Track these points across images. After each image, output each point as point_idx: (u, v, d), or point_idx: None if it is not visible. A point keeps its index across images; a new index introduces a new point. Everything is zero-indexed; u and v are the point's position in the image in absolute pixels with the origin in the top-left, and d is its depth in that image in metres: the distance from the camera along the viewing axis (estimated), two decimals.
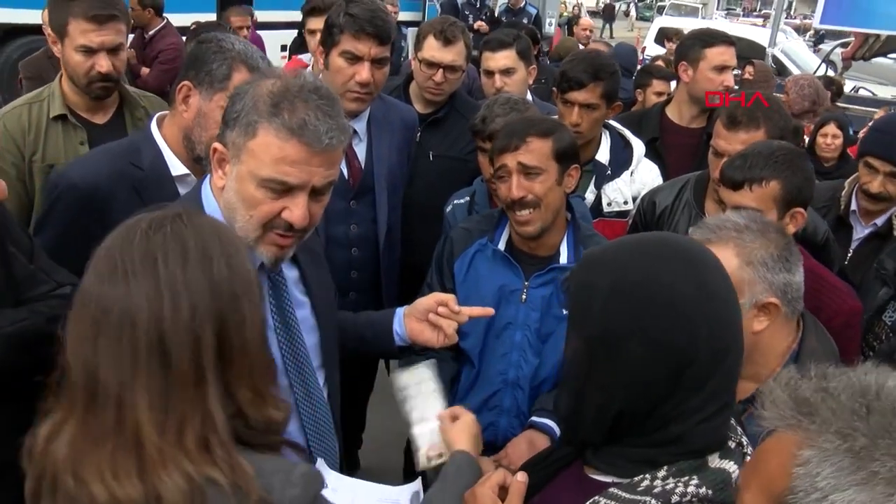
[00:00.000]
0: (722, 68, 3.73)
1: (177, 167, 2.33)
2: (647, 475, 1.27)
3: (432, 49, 3.38)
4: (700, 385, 1.27)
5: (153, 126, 2.37)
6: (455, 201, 3.09)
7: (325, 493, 1.70)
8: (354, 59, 2.75)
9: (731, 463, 1.28)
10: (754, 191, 2.30)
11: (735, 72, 4.04)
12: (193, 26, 6.07)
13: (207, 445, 1.20)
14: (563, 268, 2.40)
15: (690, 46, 3.77)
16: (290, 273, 1.91)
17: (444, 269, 2.60)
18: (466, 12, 10.07)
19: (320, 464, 1.78)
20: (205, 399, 1.22)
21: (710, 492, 1.23)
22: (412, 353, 2.29)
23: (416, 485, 1.80)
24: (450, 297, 2.07)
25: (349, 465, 3.53)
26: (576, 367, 1.34)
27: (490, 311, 2.17)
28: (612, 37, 28.17)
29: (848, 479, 0.79)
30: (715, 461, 1.28)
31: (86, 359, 1.22)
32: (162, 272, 1.22)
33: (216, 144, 1.72)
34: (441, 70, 3.38)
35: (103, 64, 2.77)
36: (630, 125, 3.52)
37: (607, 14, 32.55)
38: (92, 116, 2.91)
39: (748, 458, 1.31)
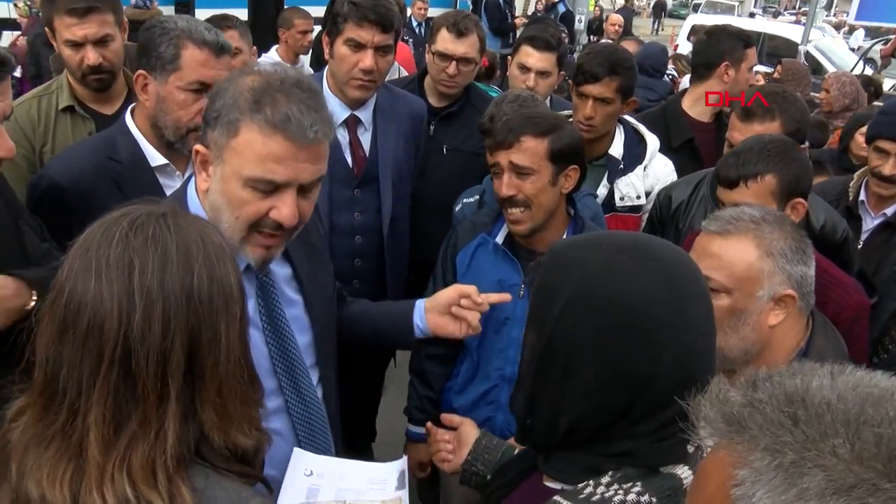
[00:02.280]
0: (751, 68, 3.67)
1: (155, 158, 2.33)
2: (591, 482, 1.19)
3: (445, 41, 3.36)
4: (654, 413, 1.17)
5: (128, 117, 2.36)
6: (464, 200, 3.06)
7: (310, 480, 1.67)
8: (358, 46, 2.75)
9: (685, 469, 1.18)
10: (751, 187, 2.25)
11: (765, 69, 3.94)
12: None
13: (153, 468, 1.14)
14: None
15: (733, 46, 3.63)
16: (282, 270, 1.86)
17: (447, 262, 2.60)
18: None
19: (298, 453, 1.74)
20: (163, 417, 1.15)
21: (653, 499, 1.14)
22: (435, 345, 2.33)
23: (402, 463, 1.75)
24: (472, 289, 2.04)
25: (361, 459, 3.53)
26: (532, 369, 1.26)
27: (507, 296, 2.15)
28: (661, 30, 27.93)
29: (781, 499, 0.73)
30: (667, 467, 1.19)
31: (50, 356, 1.18)
32: (137, 280, 1.15)
33: (198, 146, 1.65)
34: (454, 62, 3.35)
35: (90, 56, 2.77)
36: (657, 129, 3.43)
37: (657, 9, 32.37)
38: (100, 107, 2.93)
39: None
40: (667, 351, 1.15)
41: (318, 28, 6.22)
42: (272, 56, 5.80)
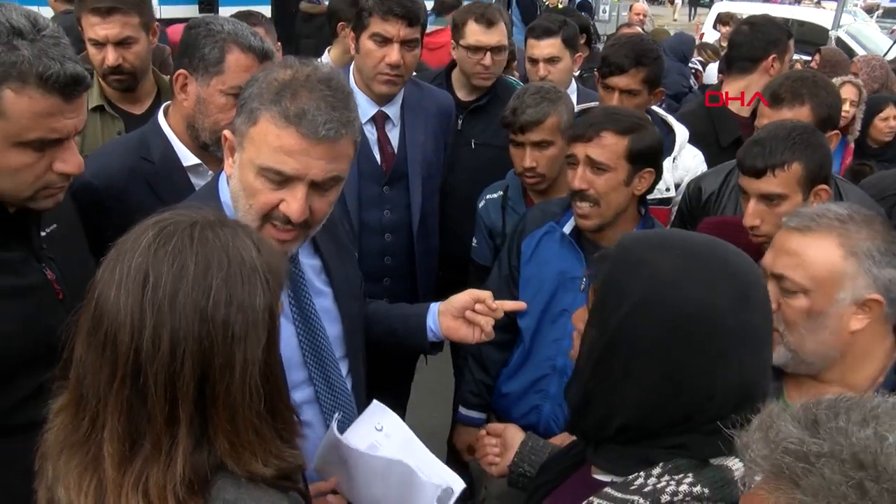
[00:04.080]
0: (790, 59, 3.61)
1: (187, 157, 2.32)
2: (642, 473, 1.19)
3: (476, 34, 3.34)
4: (711, 421, 1.14)
5: (160, 117, 2.36)
6: (487, 196, 3.03)
7: (376, 436, 1.63)
8: (384, 41, 2.74)
9: (736, 461, 1.16)
10: (778, 175, 2.19)
11: (802, 57, 3.87)
12: None
13: (166, 493, 1.10)
14: None
15: (779, 38, 3.53)
16: (312, 262, 1.88)
17: (513, 247, 2.59)
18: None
19: (377, 405, 1.76)
20: (173, 442, 1.11)
21: (705, 490, 1.13)
22: (496, 330, 2.23)
23: (459, 487, 1.70)
24: (486, 294, 2.01)
25: None
26: (590, 364, 1.24)
27: (522, 305, 2.12)
28: (695, 19, 27.49)
29: None
30: (718, 459, 1.18)
31: (80, 358, 1.16)
32: (150, 295, 1.10)
33: (226, 132, 1.69)
34: (488, 53, 3.33)
35: (110, 57, 2.77)
36: (704, 129, 3.37)
37: None
38: (129, 107, 2.95)
39: None
40: (731, 366, 1.14)
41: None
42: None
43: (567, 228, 2.47)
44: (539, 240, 2.51)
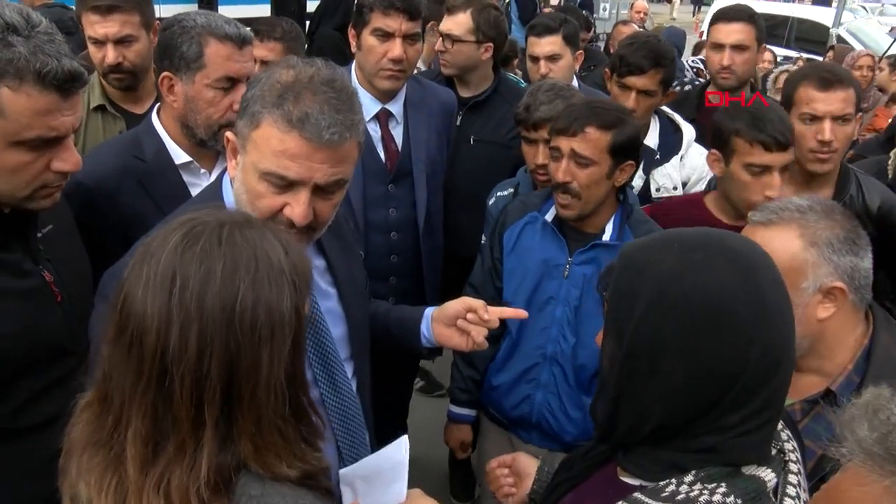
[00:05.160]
0: None
1: (179, 156, 2.30)
2: (674, 480, 1.18)
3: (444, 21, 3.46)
4: (743, 404, 1.16)
5: (154, 117, 2.34)
6: (498, 193, 3.03)
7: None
8: (386, 35, 2.73)
9: (769, 471, 1.17)
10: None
11: (803, 55, 3.88)
12: None
13: (188, 495, 1.09)
14: (605, 245, 2.39)
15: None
16: (317, 262, 1.85)
17: (494, 238, 2.61)
18: None
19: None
20: (198, 444, 1.11)
21: (738, 501, 1.12)
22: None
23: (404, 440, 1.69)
24: (479, 304, 1.98)
25: None
26: (613, 376, 1.23)
27: (524, 313, 2.09)
28: (699, 13, 27.44)
29: None
30: (750, 468, 1.18)
31: (107, 355, 1.15)
32: (177, 296, 1.09)
33: (228, 134, 1.67)
34: (440, 39, 3.41)
35: (109, 55, 2.75)
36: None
37: None
38: (131, 107, 2.92)
39: (791, 468, 1.21)
40: (752, 343, 1.14)
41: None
42: None
43: (549, 216, 2.50)
44: (521, 230, 2.54)
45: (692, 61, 8.03)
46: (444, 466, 3.55)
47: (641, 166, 3.11)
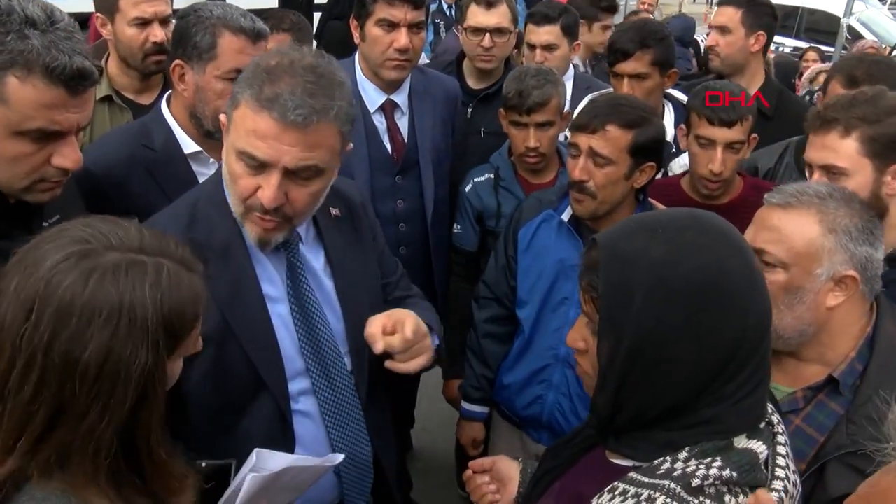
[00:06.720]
0: None
1: (188, 145, 2.30)
2: (668, 458, 1.18)
3: (476, 15, 3.33)
4: (739, 372, 1.19)
5: (163, 106, 2.35)
6: (475, 179, 2.98)
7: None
8: (391, 25, 2.71)
9: (759, 443, 1.19)
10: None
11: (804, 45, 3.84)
12: None
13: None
14: None
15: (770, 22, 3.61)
16: (316, 255, 1.86)
17: (509, 236, 2.57)
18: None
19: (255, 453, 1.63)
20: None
21: (734, 474, 1.14)
22: (494, 324, 2.38)
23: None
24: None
25: (402, 446, 3.53)
26: (615, 373, 1.21)
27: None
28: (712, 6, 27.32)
29: None
30: (741, 441, 1.19)
31: None
32: (30, 329, 1.09)
33: (221, 117, 1.71)
34: (488, 35, 3.30)
35: (158, 34, 2.82)
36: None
37: None
38: (138, 97, 2.94)
39: (779, 440, 1.23)
40: (748, 312, 1.18)
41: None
42: None
43: (565, 216, 2.44)
44: (536, 228, 2.49)
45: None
46: (450, 458, 3.56)
47: None
